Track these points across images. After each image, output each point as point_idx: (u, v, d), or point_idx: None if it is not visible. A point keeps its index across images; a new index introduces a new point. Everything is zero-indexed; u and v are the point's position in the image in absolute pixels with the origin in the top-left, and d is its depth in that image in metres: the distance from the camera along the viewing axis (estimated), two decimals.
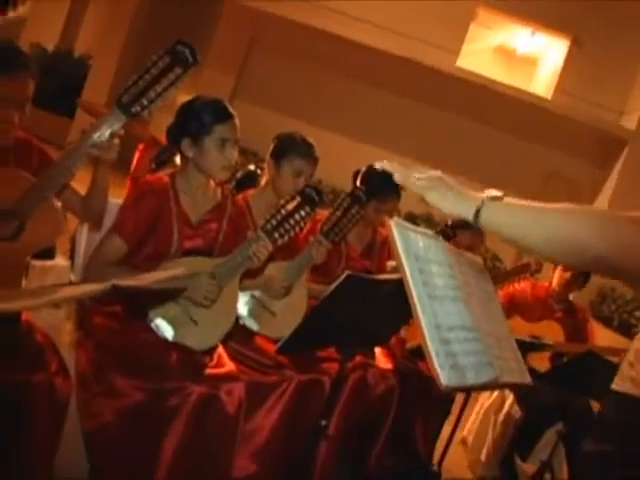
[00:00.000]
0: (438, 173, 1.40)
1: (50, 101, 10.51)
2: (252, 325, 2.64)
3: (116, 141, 1.98)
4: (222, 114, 2.30)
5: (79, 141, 1.94)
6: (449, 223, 3.41)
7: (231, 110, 2.34)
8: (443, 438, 3.19)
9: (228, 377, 2.19)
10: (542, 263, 3.63)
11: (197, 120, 2.28)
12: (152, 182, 2.32)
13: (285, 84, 10.57)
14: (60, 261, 2.91)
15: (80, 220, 2.36)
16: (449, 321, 1.39)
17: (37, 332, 2.04)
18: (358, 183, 3.08)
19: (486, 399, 4.10)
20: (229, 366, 2.26)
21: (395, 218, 1.40)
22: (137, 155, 4.55)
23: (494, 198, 1.33)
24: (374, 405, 2.83)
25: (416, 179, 1.40)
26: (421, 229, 1.51)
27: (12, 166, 2.03)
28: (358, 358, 2.78)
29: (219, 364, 2.24)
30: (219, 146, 2.28)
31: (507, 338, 1.70)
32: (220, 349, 2.33)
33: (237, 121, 2.33)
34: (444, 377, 1.27)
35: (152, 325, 2.21)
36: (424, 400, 3.09)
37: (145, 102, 1.93)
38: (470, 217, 1.33)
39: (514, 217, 1.29)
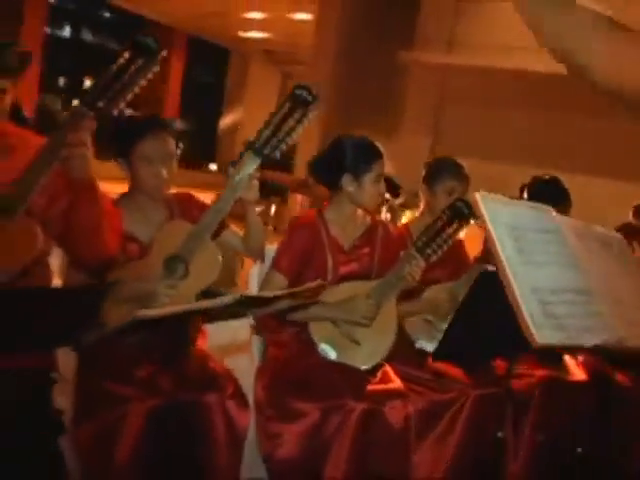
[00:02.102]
0: None
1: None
2: (427, 347, 2.66)
3: (255, 182, 2.19)
4: (379, 152, 2.45)
5: (225, 187, 2.19)
6: None
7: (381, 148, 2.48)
8: None
9: (393, 393, 2.24)
10: None
11: (358, 158, 2.43)
12: (301, 218, 2.50)
13: (480, 129, 10.55)
14: None
15: (245, 255, 2.58)
16: (552, 284, 1.36)
17: (211, 360, 2.25)
18: (525, 196, 3.04)
19: None
20: (395, 383, 2.31)
21: (481, 191, 1.41)
22: None
23: None
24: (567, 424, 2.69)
25: None
26: (520, 202, 1.50)
27: (177, 218, 2.32)
28: (543, 372, 2.69)
29: (384, 381, 2.31)
30: (375, 182, 2.42)
31: None
32: (387, 368, 2.40)
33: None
34: (539, 336, 1.25)
35: (319, 350, 2.34)
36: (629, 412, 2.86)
37: (275, 143, 2.16)
38: None
39: None
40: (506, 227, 1.39)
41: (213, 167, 16.60)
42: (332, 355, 2.32)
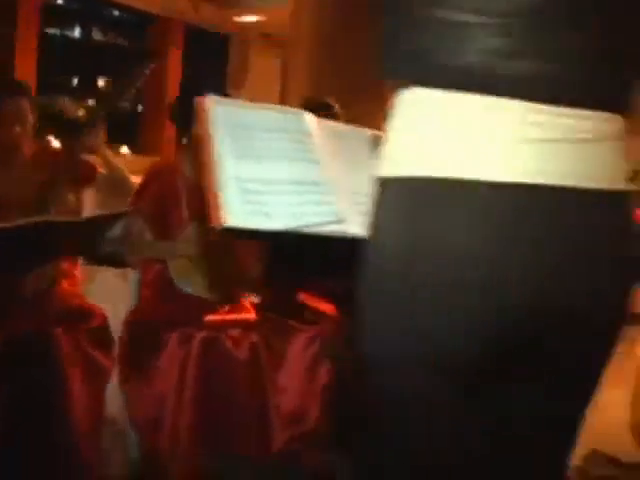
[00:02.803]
0: None
1: None
2: None
3: (98, 129, 2.40)
4: None
5: None
6: None
7: None
8: None
9: (238, 323, 2.35)
10: None
11: None
12: (158, 163, 2.59)
13: None
14: None
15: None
16: (270, 176, 1.41)
17: (76, 298, 2.37)
18: None
19: None
20: (247, 314, 2.41)
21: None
22: None
23: None
24: None
25: None
26: (265, 106, 1.55)
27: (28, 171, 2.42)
28: None
29: (236, 311, 2.42)
30: None
31: None
32: (247, 300, 2.49)
33: None
34: (229, 219, 1.26)
35: (177, 285, 2.44)
36: None
37: (117, 92, 2.38)
38: None
39: None
40: (232, 126, 1.41)
41: None
42: (188, 289, 2.42)
